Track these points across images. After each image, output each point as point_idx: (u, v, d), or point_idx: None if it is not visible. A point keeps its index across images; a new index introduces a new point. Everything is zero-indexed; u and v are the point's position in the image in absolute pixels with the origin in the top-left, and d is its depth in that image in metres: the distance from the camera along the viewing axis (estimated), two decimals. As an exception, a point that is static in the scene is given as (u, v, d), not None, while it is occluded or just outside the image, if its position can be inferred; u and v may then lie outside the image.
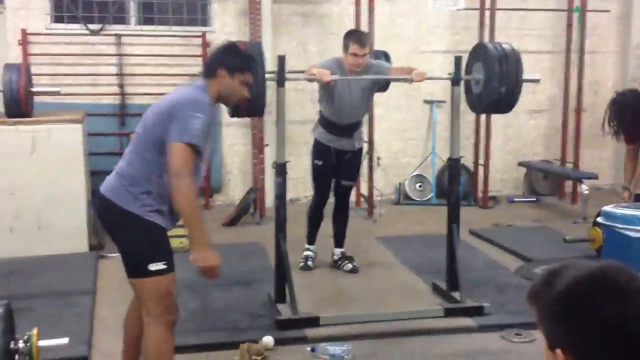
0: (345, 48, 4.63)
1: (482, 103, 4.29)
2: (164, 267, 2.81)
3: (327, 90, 4.73)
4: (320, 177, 4.98)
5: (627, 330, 1.16)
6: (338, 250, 5.15)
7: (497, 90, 4.12)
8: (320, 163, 4.92)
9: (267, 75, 3.92)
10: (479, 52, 4.34)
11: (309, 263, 5.07)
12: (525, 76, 4.24)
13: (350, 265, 5.04)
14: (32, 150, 5.35)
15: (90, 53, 6.93)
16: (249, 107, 3.82)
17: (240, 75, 2.96)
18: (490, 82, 4.14)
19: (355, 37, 4.65)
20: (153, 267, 2.79)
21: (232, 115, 4.03)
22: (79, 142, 5.50)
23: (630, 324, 1.16)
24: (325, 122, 4.89)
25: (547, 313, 1.24)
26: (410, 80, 4.44)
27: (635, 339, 1.17)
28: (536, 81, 4.71)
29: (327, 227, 5.18)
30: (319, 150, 4.93)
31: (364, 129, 5.27)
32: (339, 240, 5.17)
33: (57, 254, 5.31)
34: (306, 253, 5.14)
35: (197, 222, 2.78)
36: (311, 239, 5.19)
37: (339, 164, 4.95)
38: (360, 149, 5.03)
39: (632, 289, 1.19)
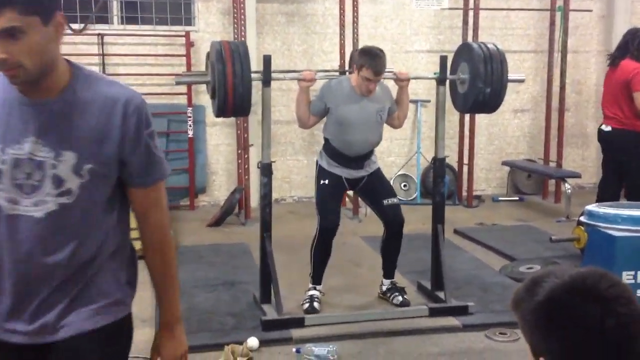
0: (358, 68, 4.00)
1: (467, 103, 4.30)
2: None
3: (335, 115, 4.12)
4: (324, 198, 4.20)
5: (606, 338, 1.16)
6: (387, 281, 4.43)
7: (482, 91, 4.12)
8: (326, 182, 4.19)
9: (252, 75, 3.89)
10: (464, 52, 4.35)
11: (315, 304, 4.19)
12: (510, 76, 4.25)
13: (400, 298, 4.31)
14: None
15: (73, 53, 6.85)
16: (234, 106, 3.79)
17: None
18: (476, 82, 4.13)
19: (371, 59, 3.96)
20: None
21: (218, 115, 3.99)
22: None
23: (609, 331, 1.16)
24: (331, 152, 4.20)
25: (529, 321, 1.24)
26: (395, 77, 4.29)
27: (615, 346, 1.17)
28: (521, 81, 4.73)
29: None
30: (325, 172, 4.22)
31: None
32: (389, 271, 4.43)
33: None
34: (311, 293, 4.26)
35: None
36: (317, 277, 4.30)
37: (362, 191, 4.31)
38: (377, 169, 4.31)
39: (612, 296, 1.18)
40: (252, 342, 3.73)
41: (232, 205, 6.62)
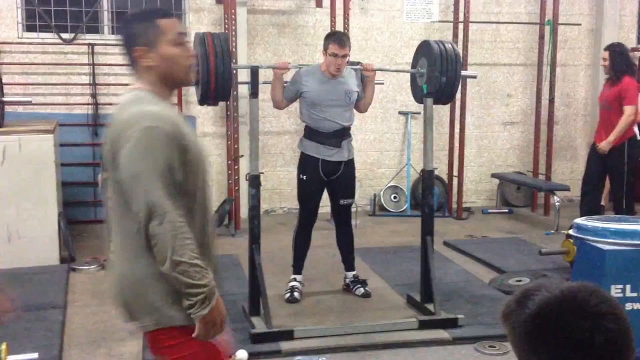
0: (325, 49, 4.48)
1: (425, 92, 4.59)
2: None
3: (308, 97, 4.51)
4: (304, 193, 4.65)
5: (594, 353, 1.17)
6: (350, 274, 4.83)
7: (438, 80, 4.39)
8: (305, 177, 4.59)
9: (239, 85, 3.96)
10: (423, 48, 4.60)
11: (295, 294, 4.61)
12: (463, 72, 4.66)
13: (362, 290, 4.74)
14: (2, 161, 5.26)
15: (63, 62, 6.86)
16: (217, 88, 4.01)
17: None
18: (433, 72, 4.41)
19: (335, 37, 4.50)
20: None
21: (201, 101, 4.13)
22: (51, 153, 5.42)
23: (598, 347, 1.17)
24: (309, 132, 4.58)
25: (518, 333, 1.24)
26: (362, 69, 4.63)
27: None
28: (473, 77, 5.33)
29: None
30: (305, 163, 4.61)
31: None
32: (348, 263, 4.84)
33: (28, 266, 5.21)
34: (292, 284, 4.68)
35: None
36: (297, 267, 4.74)
37: (331, 184, 4.63)
38: (352, 161, 4.68)
39: (602, 312, 1.19)
40: (241, 354, 3.70)
41: (222, 216, 6.61)
